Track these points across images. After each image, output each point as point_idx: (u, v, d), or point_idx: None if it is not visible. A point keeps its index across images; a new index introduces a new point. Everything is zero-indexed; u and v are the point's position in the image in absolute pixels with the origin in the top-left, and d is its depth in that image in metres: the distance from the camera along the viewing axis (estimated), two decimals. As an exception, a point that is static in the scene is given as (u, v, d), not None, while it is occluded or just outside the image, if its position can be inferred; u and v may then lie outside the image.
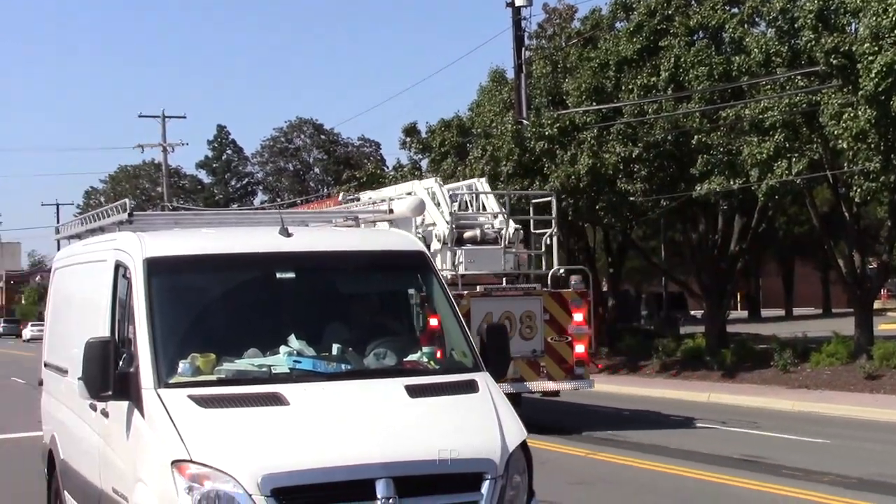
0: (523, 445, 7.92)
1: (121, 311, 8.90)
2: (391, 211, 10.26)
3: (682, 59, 32.08)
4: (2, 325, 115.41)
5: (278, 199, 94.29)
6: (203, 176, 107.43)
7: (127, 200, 9.67)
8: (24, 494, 15.30)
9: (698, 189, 31.31)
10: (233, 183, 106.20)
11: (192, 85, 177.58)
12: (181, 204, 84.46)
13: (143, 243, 8.70)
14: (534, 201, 25.48)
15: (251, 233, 9.63)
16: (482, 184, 24.49)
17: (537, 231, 23.89)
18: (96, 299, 9.54)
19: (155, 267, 8.48)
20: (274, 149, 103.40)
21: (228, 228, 10.07)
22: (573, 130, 34.36)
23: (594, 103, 34.26)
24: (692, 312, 57.01)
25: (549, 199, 25.06)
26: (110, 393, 8.10)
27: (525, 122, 35.92)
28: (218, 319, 8.75)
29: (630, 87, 33.39)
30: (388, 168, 51.66)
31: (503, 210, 23.07)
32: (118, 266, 9.03)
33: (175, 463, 7.25)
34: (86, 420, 9.54)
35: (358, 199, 25.60)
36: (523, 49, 37.83)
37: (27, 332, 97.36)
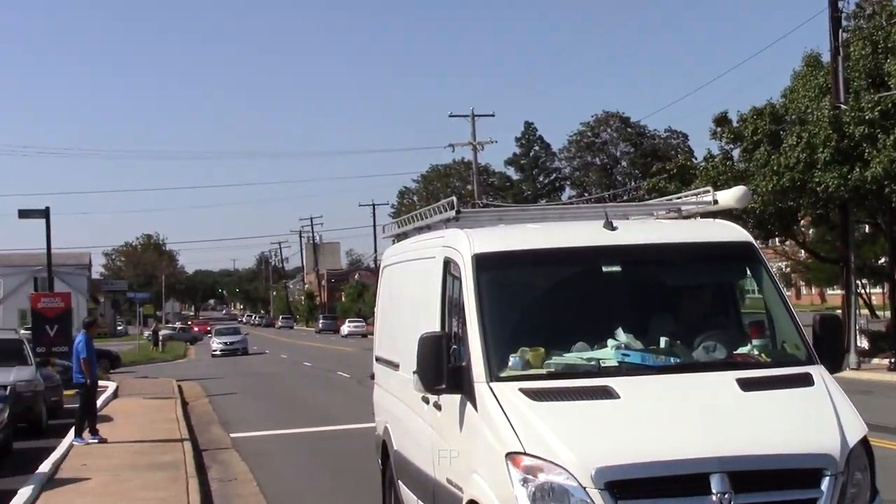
0: (864, 441, 7.64)
1: (450, 306, 9.12)
2: (716, 202, 10.05)
3: None
4: (321, 321, 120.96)
5: (585, 195, 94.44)
6: (511, 173, 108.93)
7: (454, 198, 9.89)
8: (360, 483, 15.92)
9: None
10: (540, 179, 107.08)
11: (500, 83, 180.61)
12: (490, 201, 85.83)
13: (472, 240, 8.88)
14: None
15: (575, 227, 9.65)
16: None
17: None
18: (426, 295, 9.80)
19: (483, 262, 8.64)
20: (581, 143, 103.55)
21: (552, 223, 10.13)
22: (896, 113, 32.81)
23: (919, 83, 32.60)
24: None
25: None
26: (443, 386, 8.32)
27: (843, 106, 34.53)
28: (545, 313, 8.83)
29: (960, 63, 31.56)
30: (696, 159, 50.78)
31: None
32: (447, 262, 9.24)
33: (509, 455, 7.36)
34: (418, 412, 9.82)
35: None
36: (840, 31, 36.35)
37: (345, 328, 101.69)
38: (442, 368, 8.24)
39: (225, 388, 38.30)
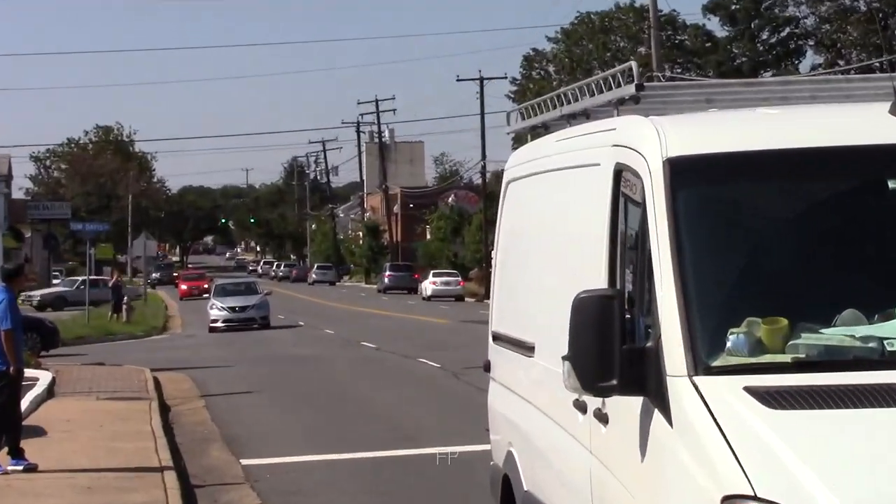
0: None
1: (625, 248, 9.15)
2: None
3: None
4: (388, 274, 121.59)
5: (840, 63, 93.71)
6: (713, 26, 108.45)
7: (633, 64, 9.79)
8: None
9: None
10: (763, 37, 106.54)
11: None
12: (677, 73, 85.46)
13: (664, 134, 8.81)
14: None
15: (841, 113, 9.63)
16: None
17: None
18: (583, 229, 9.85)
19: (685, 173, 8.59)
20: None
21: (798, 107, 10.08)
22: None
23: None
24: None
25: None
26: (614, 383, 8.28)
27: None
28: (789, 261, 8.78)
29: None
30: None
31: None
32: (620, 172, 9.24)
33: (728, 501, 7.32)
34: (567, 427, 9.90)
35: None
36: None
37: (426, 285, 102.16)
38: (612, 351, 8.21)
39: (232, 384, 38.91)
